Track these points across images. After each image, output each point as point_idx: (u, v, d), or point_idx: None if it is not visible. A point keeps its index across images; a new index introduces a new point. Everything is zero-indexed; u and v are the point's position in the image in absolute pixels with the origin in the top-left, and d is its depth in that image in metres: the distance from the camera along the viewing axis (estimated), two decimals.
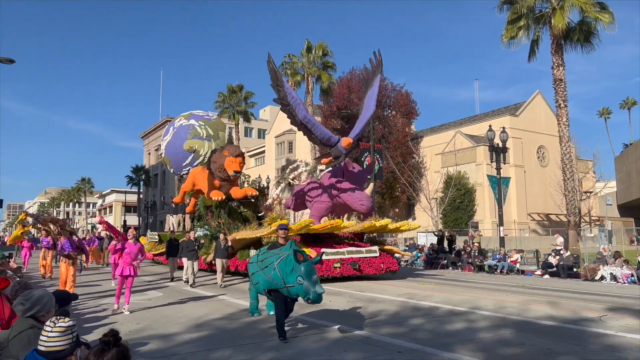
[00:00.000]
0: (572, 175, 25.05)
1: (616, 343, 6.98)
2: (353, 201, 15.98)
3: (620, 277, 16.72)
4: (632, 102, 64.21)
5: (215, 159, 17.74)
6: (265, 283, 7.35)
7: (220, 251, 14.43)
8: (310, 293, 6.40)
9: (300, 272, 6.53)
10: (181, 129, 22.66)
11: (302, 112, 14.37)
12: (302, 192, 17.81)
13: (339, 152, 15.49)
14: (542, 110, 43.17)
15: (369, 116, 16.93)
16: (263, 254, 7.75)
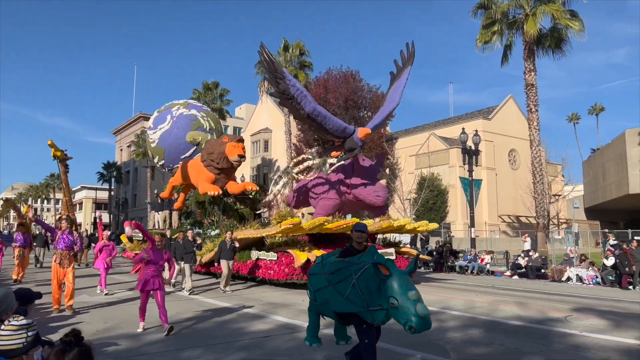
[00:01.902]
0: (542, 179, 25.62)
1: (580, 343, 7.16)
2: (367, 194, 14.65)
3: (586, 278, 17.19)
4: (600, 108, 66.06)
5: (211, 149, 15.93)
6: (338, 303, 5.20)
7: (226, 252, 12.94)
8: (409, 318, 4.40)
9: (392, 290, 4.53)
10: (182, 118, 20.62)
11: (309, 105, 13.03)
12: (305, 188, 16.26)
13: (354, 144, 14.26)
14: (514, 114, 44.05)
15: (392, 109, 15.70)
16: (335, 263, 5.58)
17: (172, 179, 19.33)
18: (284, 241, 14.02)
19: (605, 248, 18.93)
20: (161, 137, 20.49)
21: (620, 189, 33.60)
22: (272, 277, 13.34)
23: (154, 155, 21.05)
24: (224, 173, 16.13)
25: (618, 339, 7.46)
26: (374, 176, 15.32)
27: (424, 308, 4.38)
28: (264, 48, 12.31)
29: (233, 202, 17.21)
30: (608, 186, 36.66)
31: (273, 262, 13.51)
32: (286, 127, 39.23)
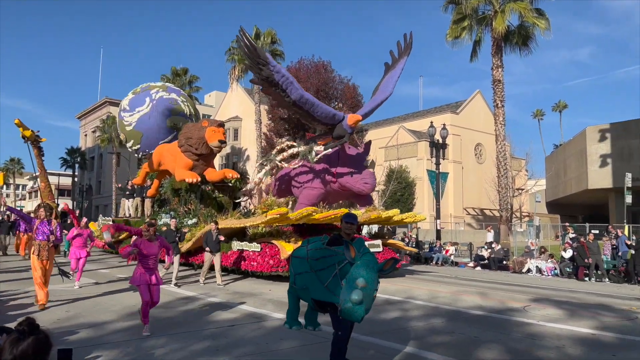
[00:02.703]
0: (506, 173, 26.27)
1: (537, 332, 7.44)
2: (354, 182, 14.27)
3: (545, 270, 17.81)
4: (564, 105, 67.94)
5: (190, 134, 15.12)
6: (318, 291, 5.28)
7: (212, 243, 12.14)
8: (345, 299, 4.48)
9: (349, 273, 4.64)
10: (162, 101, 19.54)
11: (296, 92, 12.52)
12: (288, 177, 15.66)
13: (343, 131, 13.86)
14: (481, 109, 44.92)
15: (384, 98, 15.27)
16: (320, 249, 5.55)
17: (146, 165, 18.45)
18: (267, 232, 13.48)
19: (564, 241, 19.61)
20: (139, 121, 19.38)
21: (580, 184, 34.76)
22: (256, 269, 12.79)
23: (128, 138, 19.95)
24: (203, 159, 15.44)
25: (572, 328, 7.78)
26: (361, 164, 15.02)
27: (358, 294, 4.36)
28: (244, 33, 11.67)
29: (211, 190, 16.59)
30: (569, 181, 37.87)
31: (256, 253, 12.96)
32: (256, 116, 38.96)
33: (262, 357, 5.68)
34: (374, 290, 4.56)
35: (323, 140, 14.79)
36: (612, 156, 31.88)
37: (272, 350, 6.00)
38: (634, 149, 30.70)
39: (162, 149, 16.96)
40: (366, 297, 4.43)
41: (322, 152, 14.15)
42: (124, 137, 20.31)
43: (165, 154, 16.61)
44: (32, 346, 2.20)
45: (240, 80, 39.80)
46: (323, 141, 14.69)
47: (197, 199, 15.88)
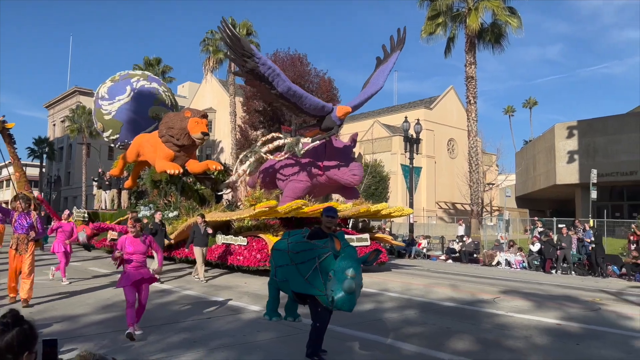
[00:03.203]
0: (477, 168, 26.81)
1: (506, 322, 7.71)
2: (342, 174, 14.07)
3: (514, 263, 18.32)
4: (534, 102, 69.48)
5: (171, 124, 14.53)
6: (298, 284, 5.35)
7: (200, 237, 11.61)
8: (336, 289, 4.59)
9: (335, 265, 4.74)
10: (144, 91, 18.97)
11: (284, 84, 12.19)
12: (272, 169, 15.38)
13: (332, 123, 13.62)
14: (454, 105, 45.59)
15: (375, 91, 15.10)
16: (300, 243, 5.64)
17: (124, 155, 17.64)
18: (254, 225, 13.16)
19: (532, 235, 20.19)
20: (120, 110, 18.70)
21: (549, 180, 35.70)
22: (242, 263, 12.35)
23: (106, 128, 19.19)
24: (184, 150, 14.87)
25: (539, 318, 8.07)
26: (348, 156, 14.81)
27: (350, 284, 4.51)
28: (226, 24, 11.22)
29: (193, 182, 16.11)
30: (538, 176, 38.83)
31: (242, 247, 12.58)
32: (231, 108, 38.65)
33: (239, 349, 5.74)
34: (361, 280, 4.73)
35: (310, 132, 14.52)
36: (579, 153, 32.84)
37: (249, 342, 6.06)
38: (599, 146, 31.69)
39: (142, 139, 16.31)
40: (356, 287, 4.58)
41: (309, 144, 13.90)
42: (101, 126, 19.53)
43: (145, 144, 15.91)
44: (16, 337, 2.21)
45: (215, 71, 39.41)
46: (310, 133, 14.43)
47: (178, 191, 15.45)
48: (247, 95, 39.15)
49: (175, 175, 14.46)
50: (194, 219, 12.83)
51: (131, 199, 18.81)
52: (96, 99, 19.55)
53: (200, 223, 11.75)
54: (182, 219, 13.69)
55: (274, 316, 6.74)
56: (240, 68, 11.88)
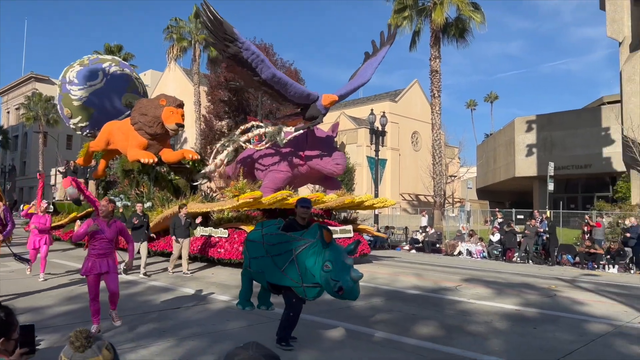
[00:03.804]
0: (440, 160, 27.38)
1: (468, 309, 8.00)
2: (325, 164, 13.71)
3: (475, 252, 18.89)
4: (495, 96, 71.27)
5: (145, 110, 13.81)
6: (274, 276, 5.36)
7: (181, 229, 10.99)
8: (343, 278, 4.65)
9: (330, 255, 4.78)
10: (117, 77, 18.20)
11: (268, 71, 11.67)
12: (251, 159, 14.81)
13: (317, 111, 13.24)
14: (419, 98, 46.28)
15: (362, 83, 14.97)
16: (276, 235, 5.60)
17: (92, 144, 16.70)
18: (234, 217, 12.76)
19: (492, 225, 20.84)
20: (91, 96, 17.79)
21: (508, 172, 36.81)
22: (223, 256, 11.92)
23: (75, 114, 18.20)
24: (158, 139, 14.21)
25: (499, 305, 8.42)
26: (330, 145, 14.48)
27: (356, 272, 4.71)
28: (208, 6, 10.63)
29: (167, 172, 15.37)
30: (498, 169, 39.97)
31: (223, 239, 12.18)
32: (195, 98, 38.03)
33: (209, 337, 5.78)
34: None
35: (293, 121, 14.14)
36: (537, 146, 33.97)
37: (219, 331, 6.11)
38: (557, 140, 32.87)
39: (112, 127, 15.51)
40: None
41: (292, 133, 13.52)
42: (68, 112, 18.46)
43: (116, 132, 15.08)
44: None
45: (179, 59, 38.67)
46: (293, 122, 14.06)
47: (151, 181, 14.78)
48: (211, 85, 38.63)
49: (149, 164, 13.86)
50: (169, 211, 12.43)
51: (99, 189, 18.11)
52: (63, 83, 18.45)
53: (182, 214, 11.14)
54: (157, 210, 13.24)
55: (247, 305, 6.69)
56: (221, 53, 11.33)
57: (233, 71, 12.42)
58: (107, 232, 5.99)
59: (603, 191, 31.71)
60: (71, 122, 18.66)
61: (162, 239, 13.29)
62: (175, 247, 11.07)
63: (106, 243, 5.98)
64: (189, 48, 37.01)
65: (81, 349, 1.76)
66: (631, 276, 14.42)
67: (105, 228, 5.99)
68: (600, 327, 6.95)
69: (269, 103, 35.90)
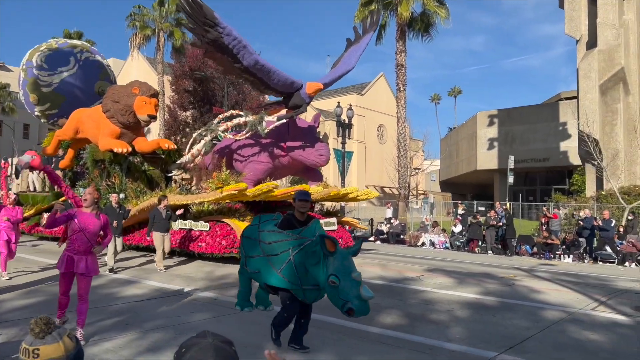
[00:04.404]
0: (405, 153, 27.78)
1: (430, 298, 8.21)
2: (308, 155, 13.26)
3: (437, 243, 19.32)
4: (458, 91, 72.60)
5: (117, 98, 13.20)
6: (270, 277, 4.99)
7: (161, 222, 10.44)
8: (351, 298, 4.14)
9: (335, 269, 4.26)
10: (89, 63, 17.33)
11: (250, 57, 11.19)
12: (229, 149, 14.17)
13: (300, 100, 12.84)
14: (384, 92, 46.73)
15: (346, 71, 14.47)
16: (273, 233, 5.15)
17: (60, 132, 15.84)
18: (215, 209, 12.24)
19: (454, 217, 21.35)
20: (63, 83, 16.78)
21: (470, 165, 37.70)
22: (205, 250, 11.42)
23: (42, 101, 17.08)
24: (131, 128, 13.54)
25: (460, 294, 8.67)
26: (313, 136, 13.99)
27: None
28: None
29: (140, 162, 14.69)
30: (460, 162, 40.87)
31: (204, 233, 11.65)
32: (159, 87, 37.23)
33: (174, 330, 5.74)
34: None
35: (275, 110, 13.72)
36: (498, 140, 34.89)
37: (184, 323, 6.07)
38: (517, 134, 33.84)
39: (81, 114, 14.70)
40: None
41: (274, 122, 13.13)
42: (35, 98, 17.29)
43: (86, 120, 14.29)
44: None
45: (142, 48, 37.74)
46: (274, 111, 13.64)
47: (123, 172, 14.13)
48: (176, 74, 37.92)
49: (122, 154, 13.23)
50: (146, 203, 11.90)
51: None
52: (29, 67, 17.29)
53: (162, 207, 10.55)
54: (132, 202, 12.64)
55: (246, 306, 6.11)
56: (200, 39, 10.78)
57: (212, 57, 11.78)
58: (93, 225, 5.30)
59: (560, 184, 32.92)
60: (37, 109, 17.57)
61: (137, 232, 12.77)
62: (156, 241, 10.46)
63: (87, 238, 5.26)
64: (152, 36, 36.17)
65: (41, 335, 1.74)
66: (584, 265, 15.08)
67: (90, 221, 5.30)
68: (555, 314, 7.25)
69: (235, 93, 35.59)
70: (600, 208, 19.23)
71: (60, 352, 1.73)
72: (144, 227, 12.38)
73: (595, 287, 10.02)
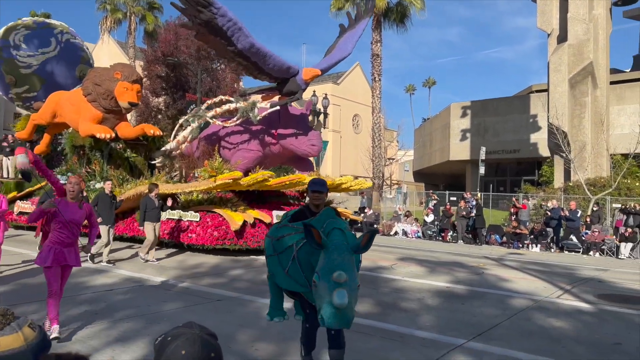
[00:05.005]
0: (380, 143, 27.96)
1: (402, 286, 8.32)
2: (300, 144, 12.78)
3: (410, 232, 19.57)
4: (433, 81, 73.28)
5: (98, 81, 12.63)
6: (281, 278, 4.17)
7: (153, 211, 9.94)
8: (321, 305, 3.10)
9: (318, 265, 3.30)
10: (70, 46, 16.64)
11: (246, 40, 10.66)
12: (216, 136, 13.59)
13: (296, 86, 12.45)
14: (360, 81, 46.81)
15: (342, 57, 14.17)
16: (281, 227, 4.34)
17: (36, 116, 15.15)
18: (205, 199, 11.74)
19: (427, 207, 21.63)
20: (44, 64, 16.07)
21: (443, 156, 38.17)
22: (195, 241, 10.90)
23: (20, 82, 16.35)
24: (113, 113, 12.92)
25: (431, 282, 8.82)
26: (305, 124, 13.57)
27: (341, 296, 2.96)
28: None
29: (122, 149, 14.07)
30: (434, 153, 41.34)
31: (194, 223, 11.11)
32: None
33: (144, 319, 5.68)
34: (355, 279, 3.23)
35: (267, 96, 13.27)
36: (471, 131, 35.38)
37: (155, 312, 6.01)
38: (489, 126, 34.38)
39: (59, 97, 14.08)
40: (352, 293, 3.08)
41: (267, 109, 12.60)
42: (12, 80, 16.50)
43: (64, 104, 13.66)
44: None
45: (113, 32, 36.82)
46: (267, 97, 13.19)
47: (104, 159, 13.55)
48: (148, 60, 37.07)
49: (104, 140, 12.65)
50: (132, 191, 11.38)
51: None
52: (5, 47, 16.40)
53: (153, 195, 10.04)
54: (115, 190, 11.87)
55: (277, 315, 4.97)
56: (192, 19, 10.29)
57: (203, 39, 11.21)
58: (78, 214, 5.08)
59: (530, 175, 33.64)
60: (13, 91, 16.71)
61: (121, 222, 12.20)
62: (147, 230, 9.96)
63: (75, 228, 5.07)
64: (124, 20, 35.33)
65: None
66: (551, 254, 15.51)
67: (75, 211, 5.06)
68: (522, 302, 7.45)
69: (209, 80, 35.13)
70: (568, 199, 19.77)
71: (20, 342, 1.70)
72: (128, 216, 12.08)
73: (561, 276, 10.32)
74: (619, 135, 24.22)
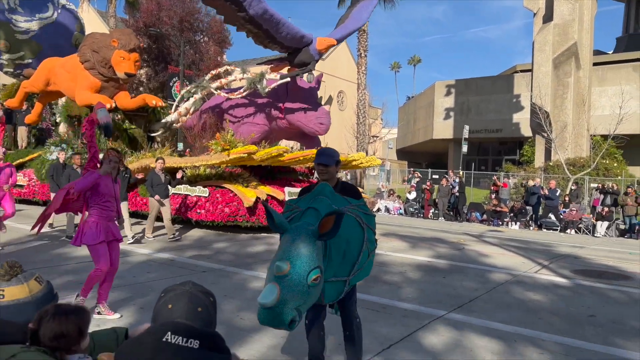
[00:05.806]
0: (364, 120, 27.94)
1: (385, 260, 8.45)
2: (308, 121, 12.17)
3: (393, 209, 19.77)
4: (418, 59, 73.07)
5: (95, 47, 11.85)
6: None
7: (160, 187, 9.44)
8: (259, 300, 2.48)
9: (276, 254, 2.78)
10: (67, 12, 16.00)
11: (259, 6, 9.95)
12: (219, 109, 12.87)
13: (309, 57, 11.85)
14: (345, 57, 46.46)
15: (357, 27, 13.59)
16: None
17: (27, 83, 14.31)
18: (213, 174, 11.19)
19: (410, 184, 21.82)
20: (42, 31, 15.29)
21: (427, 134, 38.36)
22: (204, 217, 10.44)
23: (14, 48, 15.52)
24: (112, 81, 12.21)
25: (413, 257, 8.96)
26: (314, 100, 12.89)
27: (266, 295, 2.44)
28: None
29: (121, 120, 13.45)
30: (417, 131, 41.51)
31: (203, 199, 10.58)
32: None
33: (129, 289, 5.71)
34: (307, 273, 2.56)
35: (277, 66, 12.69)
36: (454, 110, 35.54)
37: (140, 282, 6.04)
38: (472, 105, 34.56)
39: (52, 64, 13.28)
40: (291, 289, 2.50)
41: (277, 81, 12.01)
42: (6, 45, 15.64)
43: (59, 71, 12.90)
44: None
45: (93, 0, 35.80)
46: (276, 68, 12.60)
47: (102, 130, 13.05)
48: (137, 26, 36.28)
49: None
50: (136, 164, 10.91)
51: (30, 137, 15.68)
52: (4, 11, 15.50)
53: (158, 169, 9.54)
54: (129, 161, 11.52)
55: None
56: None
57: (212, 5, 10.52)
58: (113, 189, 4.96)
59: (511, 154, 34.08)
60: (5, 57, 15.79)
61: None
62: (152, 206, 9.60)
63: (115, 203, 5.00)
64: None
65: (6, 277, 1.81)
66: (530, 232, 15.85)
67: (111, 185, 4.94)
68: (501, 276, 7.63)
69: (192, 52, 34.55)
70: (547, 178, 20.12)
71: (25, 293, 1.80)
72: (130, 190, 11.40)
73: (539, 252, 10.57)
74: (600, 117, 24.58)
